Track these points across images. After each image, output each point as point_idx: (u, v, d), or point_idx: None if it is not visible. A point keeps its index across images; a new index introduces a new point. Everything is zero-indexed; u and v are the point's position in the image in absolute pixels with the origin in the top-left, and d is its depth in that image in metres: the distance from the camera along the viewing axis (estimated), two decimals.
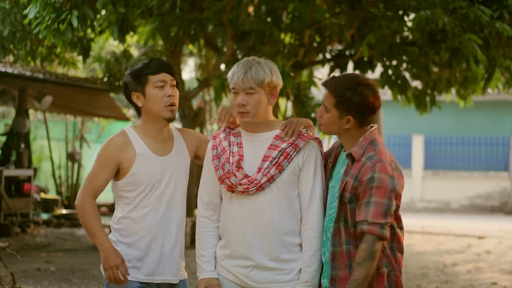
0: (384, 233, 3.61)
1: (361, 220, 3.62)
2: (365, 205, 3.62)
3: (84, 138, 19.99)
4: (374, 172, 3.63)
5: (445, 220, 20.30)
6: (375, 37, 10.10)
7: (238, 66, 3.89)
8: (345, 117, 3.75)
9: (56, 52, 12.73)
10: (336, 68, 12.36)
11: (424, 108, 13.50)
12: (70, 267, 10.76)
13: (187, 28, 10.37)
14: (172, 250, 4.09)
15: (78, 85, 16.03)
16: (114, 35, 9.64)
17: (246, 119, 3.88)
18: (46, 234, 14.86)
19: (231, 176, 3.83)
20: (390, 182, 3.63)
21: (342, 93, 3.72)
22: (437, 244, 14.89)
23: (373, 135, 3.79)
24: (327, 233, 3.80)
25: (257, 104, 3.86)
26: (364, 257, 3.59)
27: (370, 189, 3.62)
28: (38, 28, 8.52)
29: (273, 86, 3.90)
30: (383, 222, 3.60)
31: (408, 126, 25.62)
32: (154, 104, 4.03)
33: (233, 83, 3.87)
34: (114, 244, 4.03)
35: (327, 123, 3.81)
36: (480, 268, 11.67)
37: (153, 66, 4.04)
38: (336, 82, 3.76)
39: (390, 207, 3.63)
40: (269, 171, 3.81)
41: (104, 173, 4.02)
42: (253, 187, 3.81)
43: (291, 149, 3.85)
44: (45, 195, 17.54)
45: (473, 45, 9.21)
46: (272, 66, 3.91)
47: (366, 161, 3.68)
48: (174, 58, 12.80)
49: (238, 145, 3.93)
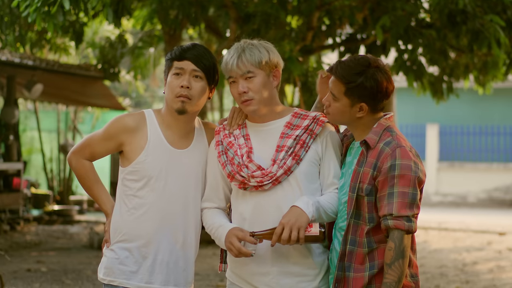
0: (412, 226, 3.47)
1: (384, 214, 3.48)
2: (388, 196, 3.48)
3: (77, 129, 19.93)
4: (395, 159, 3.49)
5: (462, 215, 20.21)
6: (390, 19, 9.96)
7: (229, 52, 3.74)
8: (357, 104, 3.59)
9: (47, 37, 12.66)
10: (347, 53, 12.24)
11: (441, 95, 13.38)
12: (62, 267, 10.71)
13: (187, 11, 10.27)
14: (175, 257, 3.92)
15: (71, 72, 15.98)
16: (108, 19, 9.48)
17: (251, 107, 3.71)
18: (37, 231, 14.83)
19: (243, 168, 3.67)
20: (414, 169, 3.50)
21: (353, 78, 3.56)
22: (455, 241, 14.81)
23: (388, 122, 3.66)
24: (336, 230, 3.67)
25: (259, 87, 3.69)
26: (394, 257, 3.45)
27: (391, 178, 3.48)
28: (27, 11, 8.38)
29: (273, 65, 3.74)
30: (409, 214, 3.46)
31: (422, 114, 25.53)
32: (167, 92, 3.91)
33: (229, 71, 3.71)
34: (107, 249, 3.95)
35: (336, 113, 3.65)
36: (502, 267, 11.58)
37: (179, 52, 3.89)
38: (344, 67, 3.59)
39: (415, 197, 3.49)
40: (285, 162, 3.65)
41: (104, 145, 3.98)
42: (268, 180, 3.64)
43: (306, 136, 3.69)
44: (36, 190, 17.55)
45: (496, 27, 9.09)
46: (267, 45, 3.76)
47: (384, 147, 3.54)
48: (173, 43, 12.68)
49: (245, 137, 3.78)
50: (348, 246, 3.58)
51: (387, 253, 3.47)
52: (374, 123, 3.63)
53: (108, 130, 3.95)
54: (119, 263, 3.90)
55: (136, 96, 30.18)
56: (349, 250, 3.58)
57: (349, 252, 3.57)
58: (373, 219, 3.55)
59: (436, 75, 13.29)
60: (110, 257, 3.94)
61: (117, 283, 3.90)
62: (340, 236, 3.63)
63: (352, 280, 3.57)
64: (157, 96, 31.73)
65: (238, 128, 3.82)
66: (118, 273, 3.90)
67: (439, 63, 11.76)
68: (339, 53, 12.32)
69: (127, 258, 3.90)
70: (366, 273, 3.55)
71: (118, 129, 3.92)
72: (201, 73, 3.86)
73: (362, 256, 3.56)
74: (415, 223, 3.49)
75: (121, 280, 3.89)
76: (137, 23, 12.90)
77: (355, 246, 3.57)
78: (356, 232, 3.57)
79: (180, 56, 3.87)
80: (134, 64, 15.60)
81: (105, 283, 3.93)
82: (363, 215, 3.57)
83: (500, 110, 25.25)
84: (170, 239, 3.90)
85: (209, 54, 3.91)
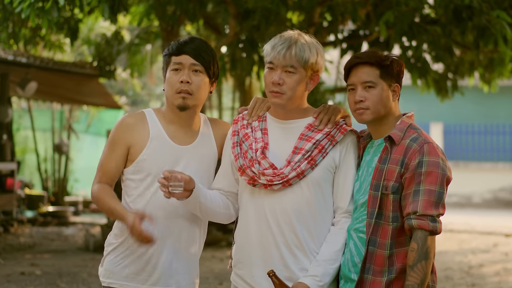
0: (437, 227, 3.44)
1: (409, 212, 3.45)
2: (414, 194, 3.46)
3: (72, 128, 19.89)
4: (423, 155, 3.48)
5: (467, 216, 20.18)
6: (393, 15, 9.93)
7: (280, 38, 3.69)
8: (393, 85, 3.64)
9: (41, 34, 12.64)
10: (349, 49, 12.22)
11: (445, 93, 13.37)
12: (57, 270, 10.68)
13: (185, 6, 10.24)
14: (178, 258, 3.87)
15: (65, 70, 15.96)
16: (104, 15, 9.45)
17: (278, 100, 3.66)
18: (31, 233, 14.81)
19: (255, 163, 3.63)
20: (442, 166, 3.49)
21: (384, 61, 3.61)
22: (460, 243, 14.80)
23: (410, 120, 3.66)
24: (352, 233, 3.62)
25: (295, 86, 3.66)
26: (416, 258, 3.42)
27: (419, 175, 3.46)
28: (21, 7, 8.36)
29: (316, 69, 3.71)
30: (434, 213, 3.44)
31: (426, 113, 25.48)
32: (167, 89, 3.88)
33: (272, 57, 3.65)
34: (107, 247, 3.91)
35: (377, 102, 3.62)
36: (509, 270, 11.55)
37: (177, 46, 3.86)
38: (369, 54, 3.65)
39: (442, 195, 3.47)
40: (300, 165, 3.60)
41: (114, 157, 3.86)
42: (279, 181, 3.59)
43: (326, 142, 3.66)
44: (30, 190, 17.52)
45: (502, 23, 9.06)
46: (318, 46, 3.71)
47: (410, 143, 3.53)
48: (170, 40, 12.63)
49: (263, 131, 3.73)
50: (368, 247, 3.54)
51: (410, 254, 3.43)
52: (396, 120, 3.64)
53: (111, 137, 3.89)
54: (120, 264, 3.87)
55: (133, 95, 30.17)
56: (369, 251, 3.53)
57: (370, 253, 3.53)
58: (397, 219, 3.52)
59: (440, 72, 13.27)
60: (111, 259, 3.91)
61: (117, 285, 3.87)
62: (357, 238, 3.59)
63: (369, 283, 3.53)
64: (154, 94, 31.71)
65: (257, 120, 3.78)
66: (118, 275, 3.87)
67: (444, 60, 11.74)
68: (341, 50, 12.29)
69: (128, 259, 3.87)
70: (384, 278, 3.51)
71: (120, 131, 3.88)
72: (201, 67, 3.83)
73: (382, 258, 3.52)
74: (440, 223, 3.46)
75: (121, 282, 3.87)
76: (133, 19, 12.87)
77: (375, 247, 3.53)
78: (377, 232, 3.53)
79: (178, 51, 3.84)
80: (131, 61, 15.57)
81: (104, 285, 3.90)
82: (386, 214, 3.53)
83: (506, 108, 25.24)
84: (173, 240, 3.86)
85: (207, 47, 3.89)
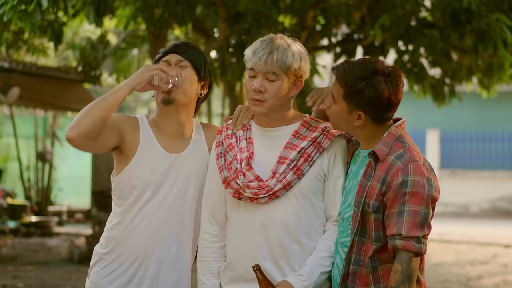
0: (422, 248, 3.37)
1: (393, 234, 3.38)
2: (398, 215, 3.38)
3: (56, 135, 19.87)
4: (407, 175, 3.39)
5: (465, 226, 20.23)
6: (389, 18, 9.92)
7: (262, 43, 3.62)
8: (355, 112, 3.48)
9: (24, 38, 12.61)
10: (343, 54, 12.19)
11: (442, 99, 13.34)
12: (40, 283, 10.66)
13: (173, 9, 10.22)
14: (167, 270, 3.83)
15: (49, 75, 15.96)
16: (89, 18, 9.39)
17: (259, 108, 3.61)
18: (13, 244, 14.81)
19: (239, 175, 3.57)
20: (427, 186, 3.40)
21: (352, 83, 3.44)
22: (458, 254, 14.81)
23: (399, 131, 3.55)
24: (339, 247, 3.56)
25: (277, 93, 3.60)
26: (400, 280, 3.35)
27: (403, 195, 3.37)
28: (2, 9, 8.30)
29: (300, 74, 3.64)
30: (420, 235, 3.37)
31: (422, 119, 25.52)
32: None
33: (253, 63, 3.59)
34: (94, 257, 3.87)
35: (334, 116, 3.54)
36: (508, 282, 11.57)
37: (165, 49, 3.89)
38: (347, 69, 3.46)
39: (427, 216, 3.40)
40: (286, 176, 3.54)
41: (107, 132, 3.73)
42: (265, 194, 3.53)
43: (312, 149, 3.59)
44: (12, 200, 17.50)
45: (502, 27, 9.06)
46: (301, 50, 3.65)
47: (395, 160, 3.43)
48: (157, 44, 12.59)
49: (248, 140, 3.68)
50: (351, 266, 3.48)
51: (393, 276, 3.37)
52: (382, 132, 3.52)
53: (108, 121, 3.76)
54: (106, 277, 3.82)
55: None
56: (352, 271, 3.48)
57: (353, 272, 3.48)
58: (380, 238, 3.45)
59: (437, 77, 13.26)
60: (97, 270, 3.86)
61: None
62: (343, 252, 3.53)
63: None
64: (140, 100, 31.67)
65: (242, 129, 3.73)
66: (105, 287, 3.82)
67: (442, 65, 11.73)
68: (334, 55, 12.27)
69: (116, 272, 3.82)
70: None
71: (118, 117, 3.81)
72: (187, 62, 3.84)
73: (366, 277, 3.47)
74: (425, 244, 3.39)
75: None
76: (120, 22, 12.83)
77: (359, 266, 3.47)
78: (361, 250, 3.47)
79: (166, 52, 3.88)
80: (117, 66, 15.55)
81: None
82: (369, 233, 3.47)
83: (505, 115, 25.29)
84: (162, 251, 3.82)
85: (197, 48, 3.90)
